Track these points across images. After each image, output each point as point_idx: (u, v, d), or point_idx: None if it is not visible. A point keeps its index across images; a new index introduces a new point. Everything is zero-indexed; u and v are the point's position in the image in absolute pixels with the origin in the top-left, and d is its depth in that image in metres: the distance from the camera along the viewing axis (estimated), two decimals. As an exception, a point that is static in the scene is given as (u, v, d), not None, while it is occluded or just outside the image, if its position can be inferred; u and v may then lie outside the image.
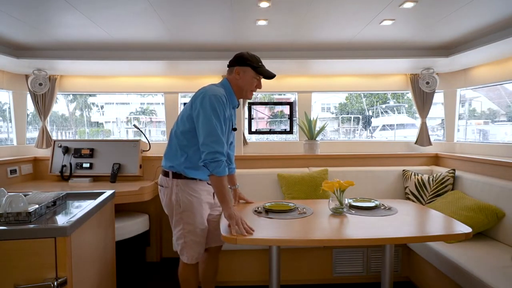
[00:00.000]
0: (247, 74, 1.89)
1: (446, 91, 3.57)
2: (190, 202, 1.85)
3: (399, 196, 3.07)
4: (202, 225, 1.90)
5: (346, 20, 2.33)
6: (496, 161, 2.58)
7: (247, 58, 1.91)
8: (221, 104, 1.77)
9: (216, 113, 1.74)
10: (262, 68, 1.92)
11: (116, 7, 2.07)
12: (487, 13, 2.17)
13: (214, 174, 1.72)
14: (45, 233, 1.14)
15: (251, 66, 1.89)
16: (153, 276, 2.86)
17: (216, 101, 1.75)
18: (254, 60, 1.92)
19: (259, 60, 1.95)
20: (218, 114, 1.75)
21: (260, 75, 1.93)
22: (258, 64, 1.92)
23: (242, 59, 1.92)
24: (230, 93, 1.92)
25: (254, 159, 3.29)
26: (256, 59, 1.94)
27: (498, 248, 2.17)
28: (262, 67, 1.93)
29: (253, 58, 1.92)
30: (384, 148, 3.69)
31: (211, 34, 2.62)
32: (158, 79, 3.66)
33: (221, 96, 1.79)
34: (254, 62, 1.91)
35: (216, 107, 1.75)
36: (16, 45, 2.81)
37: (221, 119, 1.76)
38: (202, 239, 1.91)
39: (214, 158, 1.71)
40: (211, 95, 1.76)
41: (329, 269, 2.64)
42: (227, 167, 1.79)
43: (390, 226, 1.78)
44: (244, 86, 1.91)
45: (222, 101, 1.78)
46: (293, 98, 3.90)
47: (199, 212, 1.87)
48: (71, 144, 3.13)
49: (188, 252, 1.89)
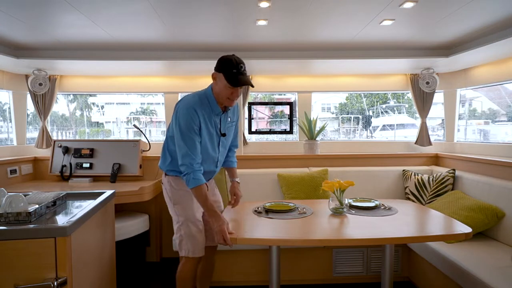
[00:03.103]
0: (221, 81, 1.75)
1: (446, 91, 3.57)
2: (179, 196, 1.89)
3: (399, 196, 3.07)
4: (193, 218, 1.89)
5: (346, 20, 2.33)
6: (496, 161, 2.58)
7: (222, 63, 1.76)
8: (189, 117, 1.74)
9: (185, 127, 1.74)
10: (234, 76, 1.72)
11: (116, 7, 2.07)
12: (487, 13, 2.17)
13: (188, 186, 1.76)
14: (45, 233, 1.14)
15: (224, 73, 1.73)
16: (153, 276, 2.86)
17: (185, 115, 1.74)
18: (229, 65, 1.73)
19: (238, 65, 1.74)
20: (186, 129, 1.74)
21: (228, 83, 1.73)
22: (233, 71, 1.72)
23: (218, 63, 1.79)
24: (212, 100, 1.82)
25: (254, 159, 3.29)
26: (233, 64, 1.73)
27: (498, 248, 2.17)
28: (237, 74, 1.73)
29: (229, 63, 1.74)
30: (384, 148, 3.69)
31: (211, 34, 2.62)
32: (158, 79, 3.66)
33: (190, 108, 1.75)
34: (228, 68, 1.73)
35: (184, 121, 1.74)
36: (16, 45, 2.81)
37: (191, 132, 1.74)
38: (197, 233, 1.89)
39: (183, 172, 1.75)
40: (182, 109, 1.76)
41: (329, 269, 2.64)
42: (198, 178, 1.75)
43: (390, 226, 1.78)
44: (219, 93, 1.79)
45: (191, 114, 1.74)
46: (293, 98, 3.90)
47: (189, 206, 1.88)
48: (71, 144, 3.13)
49: (184, 245, 1.89)
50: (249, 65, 3.19)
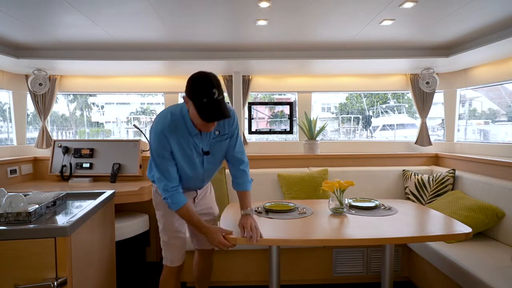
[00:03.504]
0: (192, 108, 1.49)
1: (446, 91, 3.57)
2: (161, 204, 1.78)
3: (399, 196, 3.07)
4: (171, 226, 1.80)
5: (346, 20, 2.33)
6: (496, 161, 2.58)
7: (192, 89, 1.45)
8: (158, 143, 1.60)
9: (155, 153, 1.62)
10: (205, 107, 1.42)
11: (116, 7, 2.07)
12: (487, 13, 2.17)
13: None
14: (45, 233, 1.14)
15: (193, 102, 1.45)
16: (153, 276, 2.86)
17: (154, 141, 1.61)
18: (199, 93, 1.42)
19: (209, 92, 1.41)
20: (157, 155, 1.62)
21: (199, 116, 1.45)
22: (203, 100, 1.41)
23: (187, 86, 1.48)
24: (188, 120, 1.60)
25: (254, 159, 3.28)
26: (204, 91, 1.41)
27: (498, 248, 2.17)
28: (209, 105, 1.42)
29: (199, 90, 1.43)
30: (384, 148, 3.69)
31: (211, 34, 2.61)
32: (158, 79, 3.66)
33: (160, 134, 1.59)
34: (198, 96, 1.42)
35: (154, 147, 1.62)
36: (16, 45, 2.81)
37: (162, 158, 1.61)
38: (175, 242, 1.81)
39: (162, 196, 1.66)
40: (152, 132, 1.63)
41: (329, 269, 2.64)
42: (177, 202, 1.63)
43: (390, 226, 1.78)
44: (193, 119, 1.55)
45: (161, 140, 1.59)
46: (293, 98, 3.90)
47: (168, 214, 1.78)
48: (71, 144, 3.13)
49: (163, 253, 1.86)
50: (249, 65, 3.20)
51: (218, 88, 1.45)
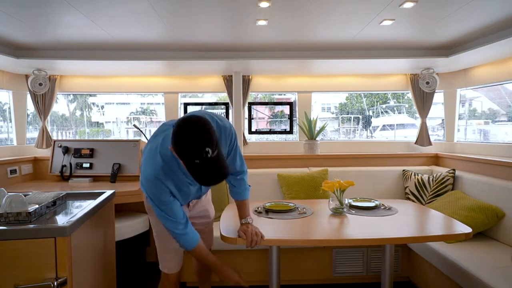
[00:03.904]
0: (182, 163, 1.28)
1: (446, 91, 3.57)
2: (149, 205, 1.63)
3: (399, 196, 3.07)
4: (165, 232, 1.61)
5: (346, 20, 2.33)
6: (496, 161, 2.58)
7: (179, 148, 1.22)
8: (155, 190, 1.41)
9: (156, 200, 1.43)
10: (197, 170, 1.20)
11: (116, 7, 2.07)
12: (487, 13, 2.17)
13: None
14: (45, 233, 1.14)
15: (184, 161, 1.24)
16: (153, 276, 2.86)
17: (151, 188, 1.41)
18: (189, 153, 1.19)
19: (202, 151, 1.17)
20: (158, 201, 1.43)
21: (193, 177, 1.24)
22: (195, 161, 1.18)
23: (174, 141, 1.24)
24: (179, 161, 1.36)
25: (254, 159, 3.29)
26: (195, 151, 1.18)
27: (498, 248, 2.17)
28: (201, 166, 1.19)
29: (188, 150, 1.19)
30: (384, 148, 3.69)
31: (211, 34, 2.61)
32: (158, 79, 3.66)
33: (155, 181, 1.39)
34: (188, 156, 1.20)
35: (152, 194, 1.42)
36: (16, 45, 2.81)
37: (163, 202, 1.43)
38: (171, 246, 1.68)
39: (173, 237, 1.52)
40: (146, 181, 1.41)
41: (329, 269, 2.64)
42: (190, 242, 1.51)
43: (390, 226, 1.78)
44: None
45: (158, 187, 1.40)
46: (293, 98, 3.90)
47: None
48: (71, 144, 3.13)
49: (160, 259, 1.78)
50: (249, 65, 3.20)
51: (211, 142, 1.19)
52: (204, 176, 1.22)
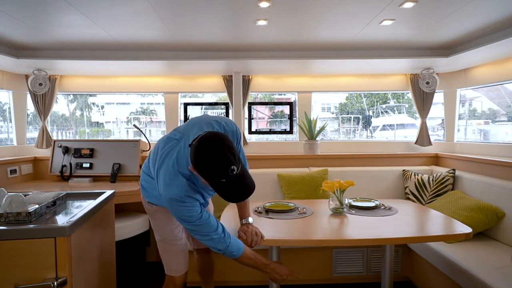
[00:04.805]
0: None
1: (446, 91, 3.57)
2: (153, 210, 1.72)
3: (399, 196, 3.07)
4: (170, 235, 1.70)
5: (346, 20, 2.33)
6: (496, 161, 2.58)
7: (204, 171, 1.20)
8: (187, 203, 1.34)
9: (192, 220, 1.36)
10: (226, 189, 1.21)
11: (116, 7, 2.07)
12: (487, 13, 2.17)
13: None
14: (45, 233, 1.14)
15: (209, 182, 1.23)
16: (153, 276, 2.86)
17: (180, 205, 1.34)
18: (215, 174, 1.18)
19: (227, 170, 1.17)
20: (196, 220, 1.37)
21: (222, 197, 1.25)
22: (221, 181, 1.18)
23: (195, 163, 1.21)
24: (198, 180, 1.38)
25: (254, 159, 3.29)
26: (221, 172, 1.17)
27: (498, 248, 2.17)
28: (230, 185, 1.20)
29: (214, 171, 1.18)
30: (384, 148, 3.69)
31: (211, 34, 2.61)
32: (158, 79, 3.66)
33: (187, 198, 1.34)
34: (213, 177, 1.19)
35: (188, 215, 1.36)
36: (16, 45, 2.81)
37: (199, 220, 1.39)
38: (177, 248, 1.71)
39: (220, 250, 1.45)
40: (177, 202, 1.34)
41: (329, 269, 2.64)
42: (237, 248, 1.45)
43: (390, 226, 1.78)
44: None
45: (186, 200, 1.35)
46: (293, 98, 3.90)
47: (165, 221, 1.71)
48: (71, 144, 3.13)
49: (165, 262, 1.77)
50: (249, 65, 3.20)
51: (234, 159, 1.18)
52: (233, 194, 1.23)
